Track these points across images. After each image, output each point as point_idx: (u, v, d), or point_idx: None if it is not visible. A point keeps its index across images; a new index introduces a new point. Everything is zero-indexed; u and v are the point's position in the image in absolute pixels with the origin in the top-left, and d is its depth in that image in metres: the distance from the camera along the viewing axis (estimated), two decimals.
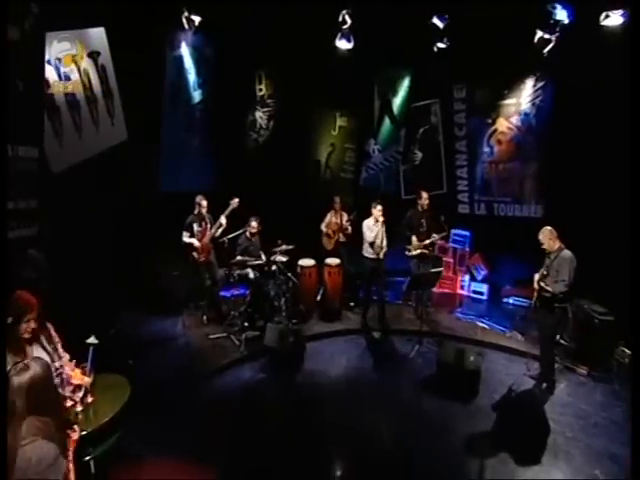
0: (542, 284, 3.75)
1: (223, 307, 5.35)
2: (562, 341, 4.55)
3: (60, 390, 2.03)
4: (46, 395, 1.60)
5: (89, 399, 2.06)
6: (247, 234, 5.21)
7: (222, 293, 5.60)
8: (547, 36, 4.57)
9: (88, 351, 2.12)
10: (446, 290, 6.32)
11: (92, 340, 2.13)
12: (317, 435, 3.47)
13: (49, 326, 2.34)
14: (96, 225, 4.51)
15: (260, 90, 6.41)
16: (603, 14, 4.39)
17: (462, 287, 6.40)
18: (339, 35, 5.47)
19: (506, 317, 5.53)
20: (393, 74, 6.54)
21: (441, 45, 5.53)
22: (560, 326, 3.98)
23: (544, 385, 3.96)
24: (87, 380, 2.04)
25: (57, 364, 2.33)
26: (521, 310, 5.67)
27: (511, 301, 5.99)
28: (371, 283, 5.27)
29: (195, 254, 5.01)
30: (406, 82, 6.48)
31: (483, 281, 6.31)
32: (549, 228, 3.77)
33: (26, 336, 2.17)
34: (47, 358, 2.32)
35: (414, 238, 5.25)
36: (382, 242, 4.93)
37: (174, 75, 5.63)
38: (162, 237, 5.21)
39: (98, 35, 4.65)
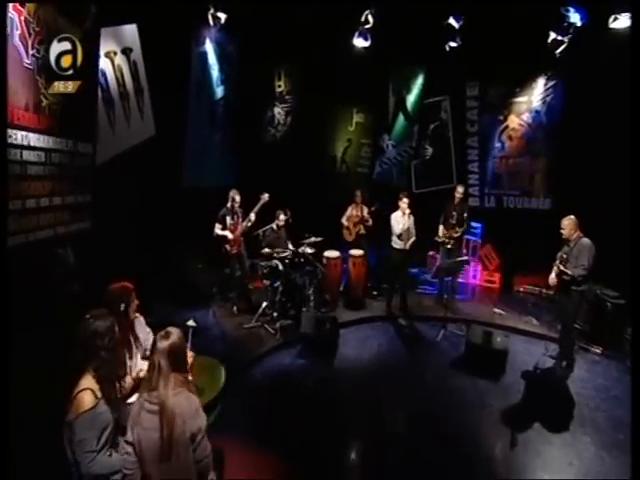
0: (562, 268, 4.06)
1: (252, 298, 5.50)
2: (575, 325, 4.90)
3: None
4: (182, 358, 1.91)
5: (189, 377, 2.26)
6: (274, 227, 5.42)
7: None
8: (560, 38, 4.87)
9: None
10: (460, 280, 6.63)
11: (191, 323, 2.32)
12: (360, 412, 3.72)
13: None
14: (127, 220, 4.59)
15: (279, 86, 6.58)
16: (612, 17, 4.66)
17: (475, 277, 6.73)
18: (356, 33, 5.70)
19: (519, 304, 5.88)
20: (407, 72, 6.79)
21: (453, 44, 5.80)
22: (579, 308, 4.29)
23: (564, 363, 4.29)
24: (189, 360, 2.24)
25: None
26: (532, 297, 6.06)
27: (522, 289, 6.35)
28: (396, 273, 5.54)
29: (227, 246, 5.19)
30: (420, 80, 6.74)
31: (495, 271, 6.65)
32: (573, 217, 4.07)
33: (133, 316, 2.48)
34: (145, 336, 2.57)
35: (441, 227, 5.55)
36: (410, 233, 5.21)
37: (199, 71, 5.74)
38: (184, 231, 5.34)
39: (131, 32, 4.72)
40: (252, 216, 5.23)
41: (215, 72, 5.95)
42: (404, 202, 5.21)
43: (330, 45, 5.99)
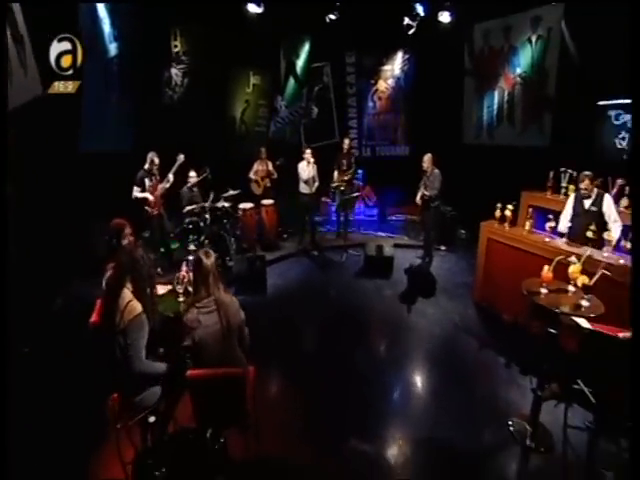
0: (424, 191, 5.87)
1: (174, 256, 5.67)
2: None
3: None
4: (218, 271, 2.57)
5: None
6: (188, 186, 5.84)
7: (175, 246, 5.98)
8: (411, 23, 6.47)
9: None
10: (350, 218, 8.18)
11: (192, 247, 3.02)
12: (293, 320, 4.82)
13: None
14: (24, 192, 4.32)
15: (175, 47, 6.58)
16: (439, 12, 6.48)
17: (359, 213, 8.39)
18: None
19: (393, 228, 7.83)
20: (295, 39, 7.60)
21: (332, 17, 6.91)
22: (435, 220, 6.22)
23: (427, 259, 6.27)
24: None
25: None
26: (401, 223, 8.06)
27: (393, 218, 8.29)
28: (305, 214, 6.72)
29: (148, 208, 5.36)
30: (306, 46, 7.66)
31: (374, 207, 8.45)
32: (430, 154, 5.82)
33: (131, 249, 2.90)
34: None
35: (336, 173, 6.83)
36: (314, 179, 6.37)
37: (89, 24, 5.38)
38: (85, 201, 5.20)
39: None
40: (170, 177, 5.48)
41: (107, 27, 5.69)
42: (308, 153, 6.31)
43: (226, 7, 6.27)
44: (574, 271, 2.64)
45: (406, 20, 6.45)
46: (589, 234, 3.49)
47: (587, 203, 3.77)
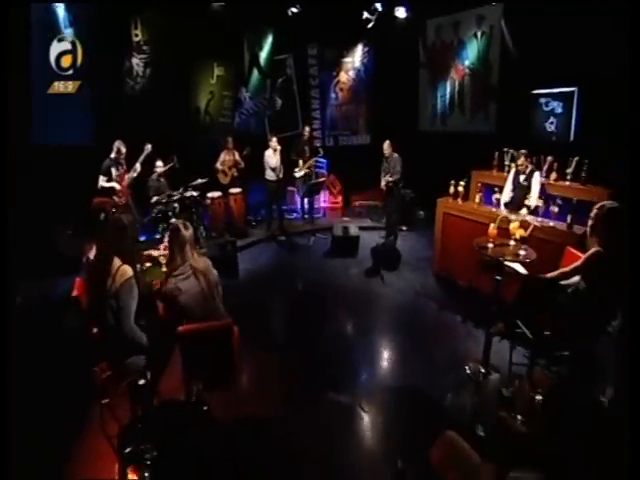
0: (388, 178, 6.30)
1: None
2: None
3: None
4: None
5: None
6: (156, 175, 5.88)
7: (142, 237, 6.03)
8: (370, 17, 6.89)
9: None
10: (315, 205, 8.48)
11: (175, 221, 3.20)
12: (266, 299, 5.09)
13: None
14: None
15: (136, 36, 6.52)
16: (395, 8, 6.96)
17: (324, 201, 8.71)
18: None
19: (357, 214, 8.22)
20: (258, 31, 7.77)
21: (295, 10, 7.18)
22: (398, 202, 6.68)
23: (391, 238, 6.70)
24: None
25: None
26: (365, 208, 8.50)
27: (357, 204, 8.69)
28: (273, 201, 6.95)
29: (115, 198, 5.23)
30: (270, 39, 7.85)
31: (338, 194, 8.81)
32: (389, 141, 6.25)
33: None
34: None
35: (301, 162, 7.10)
36: (281, 166, 6.61)
37: (39, 6, 5.27)
38: (44, 195, 5.12)
39: None
40: (137, 166, 5.47)
41: (61, 10, 5.53)
42: (274, 142, 6.54)
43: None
44: (514, 227, 3.18)
45: (365, 14, 6.86)
46: (526, 202, 4.09)
47: (522, 178, 4.38)
